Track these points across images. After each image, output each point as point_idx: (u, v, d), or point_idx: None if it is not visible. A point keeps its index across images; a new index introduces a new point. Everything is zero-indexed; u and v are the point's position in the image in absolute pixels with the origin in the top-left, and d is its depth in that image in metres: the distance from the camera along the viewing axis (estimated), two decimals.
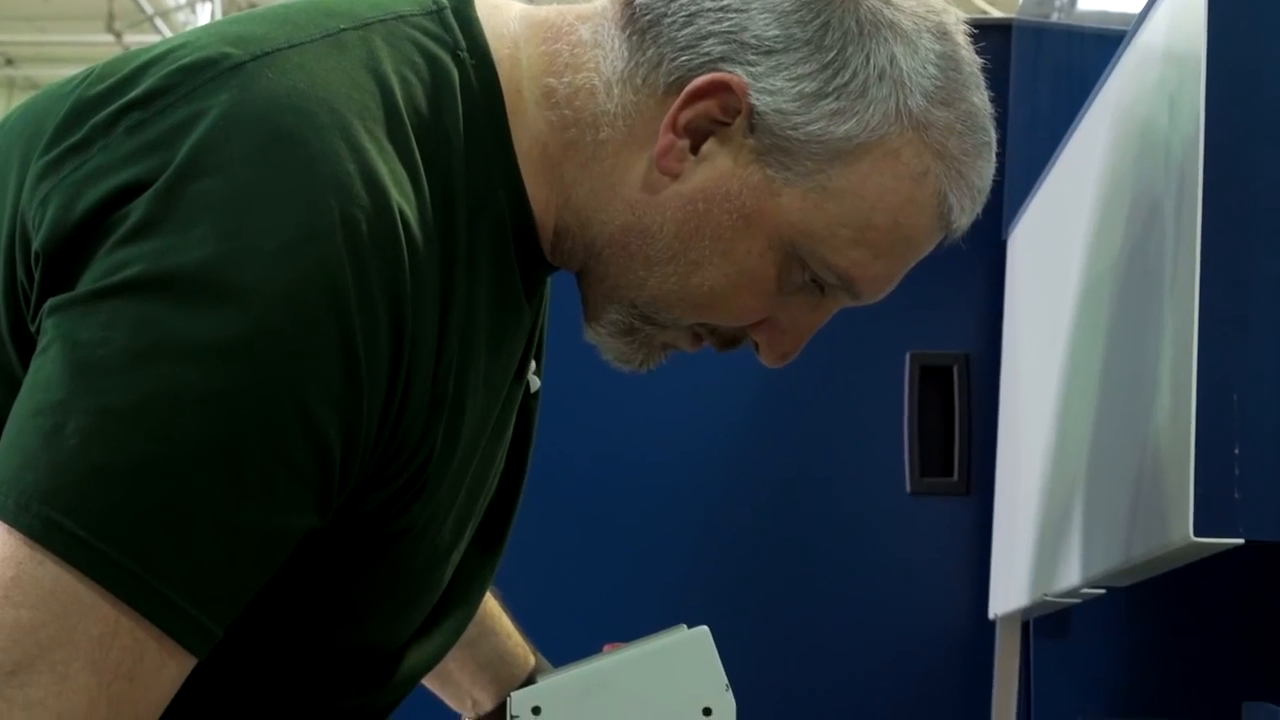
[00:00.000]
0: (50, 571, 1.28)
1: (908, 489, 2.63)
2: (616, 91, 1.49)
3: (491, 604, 2.04)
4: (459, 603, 1.63)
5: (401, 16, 1.47)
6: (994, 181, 1.54)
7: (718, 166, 1.48)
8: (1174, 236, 1.64)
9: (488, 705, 2.06)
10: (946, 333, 2.66)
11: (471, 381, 1.46)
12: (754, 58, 1.46)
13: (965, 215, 1.53)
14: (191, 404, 1.29)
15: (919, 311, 2.64)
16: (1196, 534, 1.59)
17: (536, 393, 1.66)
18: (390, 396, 1.37)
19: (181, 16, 13.02)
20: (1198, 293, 1.55)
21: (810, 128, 1.47)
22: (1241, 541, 1.59)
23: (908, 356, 2.64)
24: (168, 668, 1.32)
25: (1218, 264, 1.55)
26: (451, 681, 2.06)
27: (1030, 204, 2.49)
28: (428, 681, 2.07)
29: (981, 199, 1.54)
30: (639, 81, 1.49)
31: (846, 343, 2.63)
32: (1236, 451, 1.56)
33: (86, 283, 1.32)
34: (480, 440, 1.52)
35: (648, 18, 1.49)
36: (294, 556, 1.38)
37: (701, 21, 1.47)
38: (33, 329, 1.36)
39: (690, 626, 1.67)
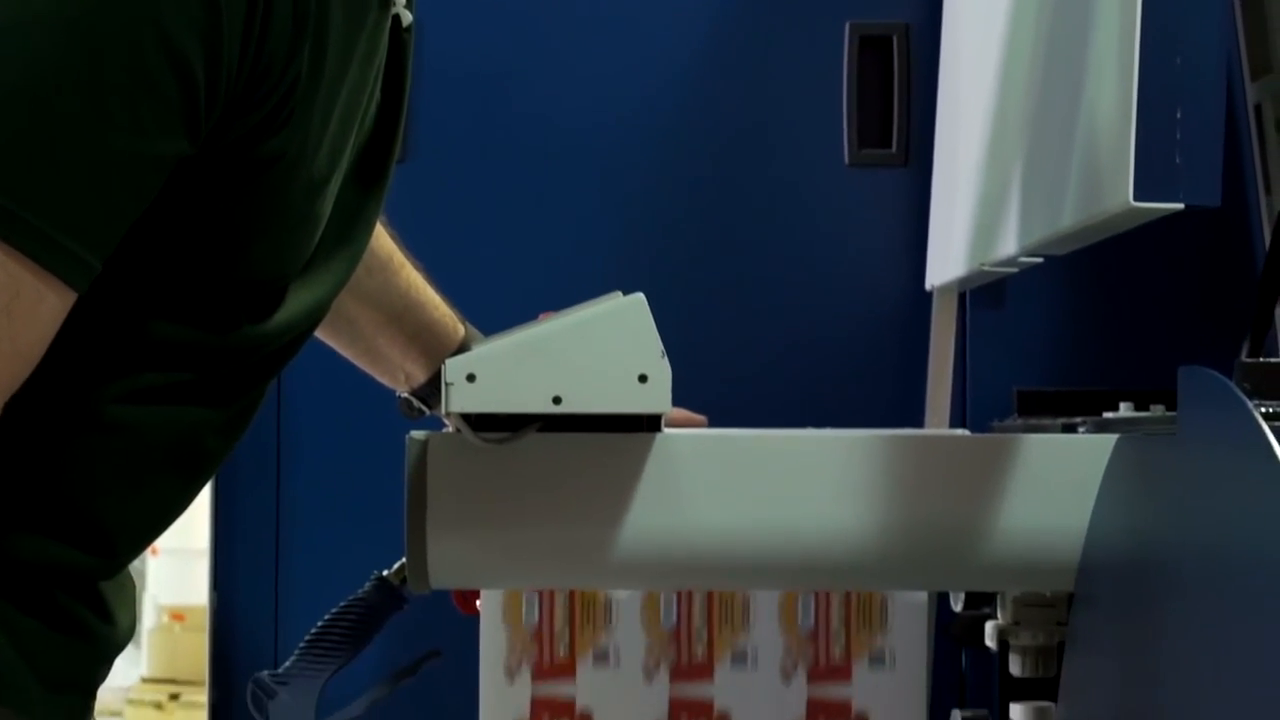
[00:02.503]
0: None
1: (845, 160, 2.60)
2: None
3: (415, 277, 2.03)
4: (343, 240, 1.61)
5: None
6: None
7: None
8: None
9: (421, 377, 2.06)
10: (886, 2, 2.62)
11: (334, 5, 1.44)
12: None
13: None
14: (46, 31, 1.28)
15: None
16: (1136, 199, 1.58)
17: (409, 27, 1.63)
18: (251, 15, 1.36)
19: None
20: None
21: None
22: (1181, 207, 1.58)
23: (847, 26, 2.60)
24: (46, 301, 1.33)
25: None
26: (382, 357, 2.05)
27: None
28: (359, 361, 2.07)
29: None
30: None
31: (783, 11, 2.59)
32: (1178, 115, 1.54)
33: None
34: (348, 68, 1.50)
35: None
36: (169, 187, 1.38)
37: None
38: None
39: (625, 295, 1.66)
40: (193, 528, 2.74)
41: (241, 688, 1.78)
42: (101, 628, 1.61)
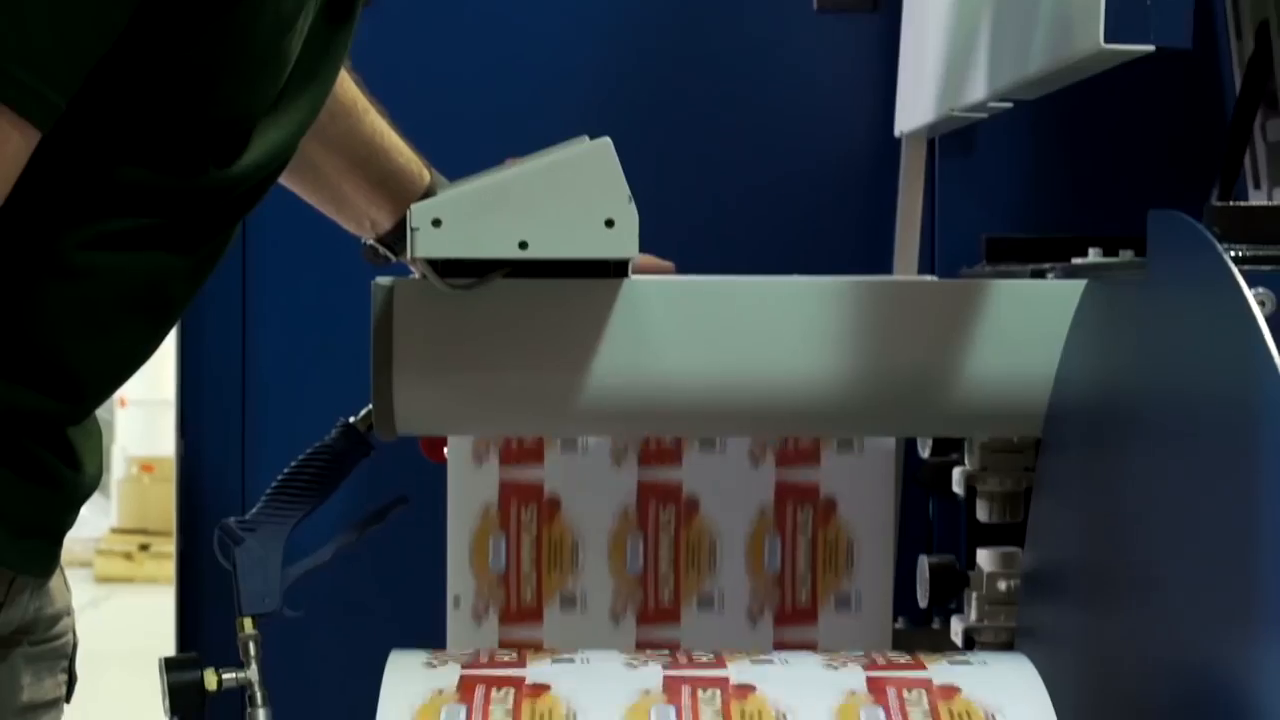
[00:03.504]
0: None
1: (814, 6, 2.58)
2: None
3: (379, 122, 2.02)
4: (310, 77, 1.60)
5: None
6: None
7: None
8: None
9: (386, 224, 2.05)
10: None
11: None
12: None
13: None
14: None
15: None
16: (1106, 40, 1.57)
17: None
18: None
19: None
20: None
21: None
22: (1151, 49, 1.57)
23: None
24: (11, 140, 1.33)
25: None
26: (347, 203, 2.04)
27: None
28: (325, 207, 2.06)
29: None
30: None
31: None
32: None
33: None
34: None
35: None
36: (136, 24, 1.37)
37: None
38: None
39: (592, 139, 1.65)
40: (161, 378, 2.74)
41: (209, 536, 1.78)
42: (69, 474, 1.61)
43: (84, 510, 1.66)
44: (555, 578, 2.11)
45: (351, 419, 1.84)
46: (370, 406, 1.78)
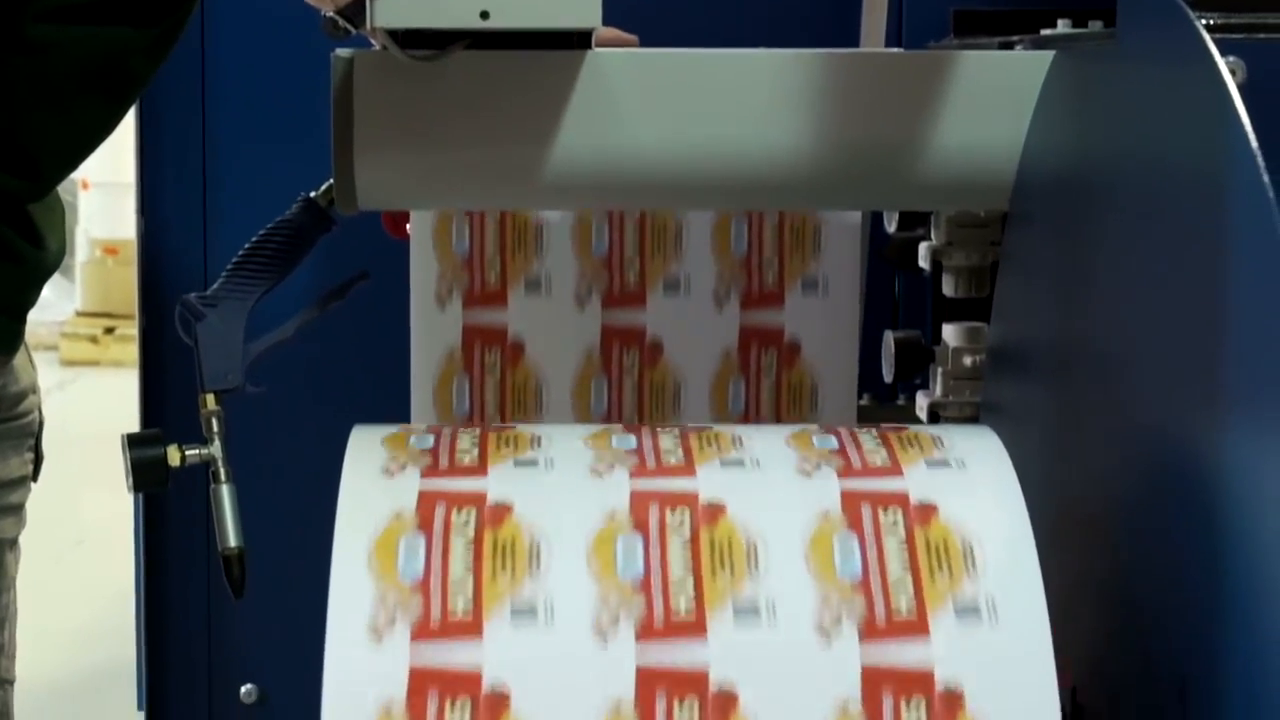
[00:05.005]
0: None
1: None
2: None
3: None
4: None
5: None
6: None
7: None
8: None
9: None
10: None
11: None
12: None
13: None
14: None
15: None
16: None
17: None
18: None
19: None
20: None
21: None
22: None
23: None
24: None
25: None
26: None
27: None
28: None
29: None
30: None
31: None
32: None
33: None
34: None
35: None
36: None
37: None
38: None
39: None
40: (124, 160, 2.71)
41: (172, 316, 1.76)
42: (30, 251, 1.60)
43: (48, 293, 1.65)
44: (520, 420, 2.11)
45: (312, 194, 1.82)
46: (331, 181, 1.76)
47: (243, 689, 2.65)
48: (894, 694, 1.28)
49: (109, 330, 8.99)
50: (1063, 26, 1.79)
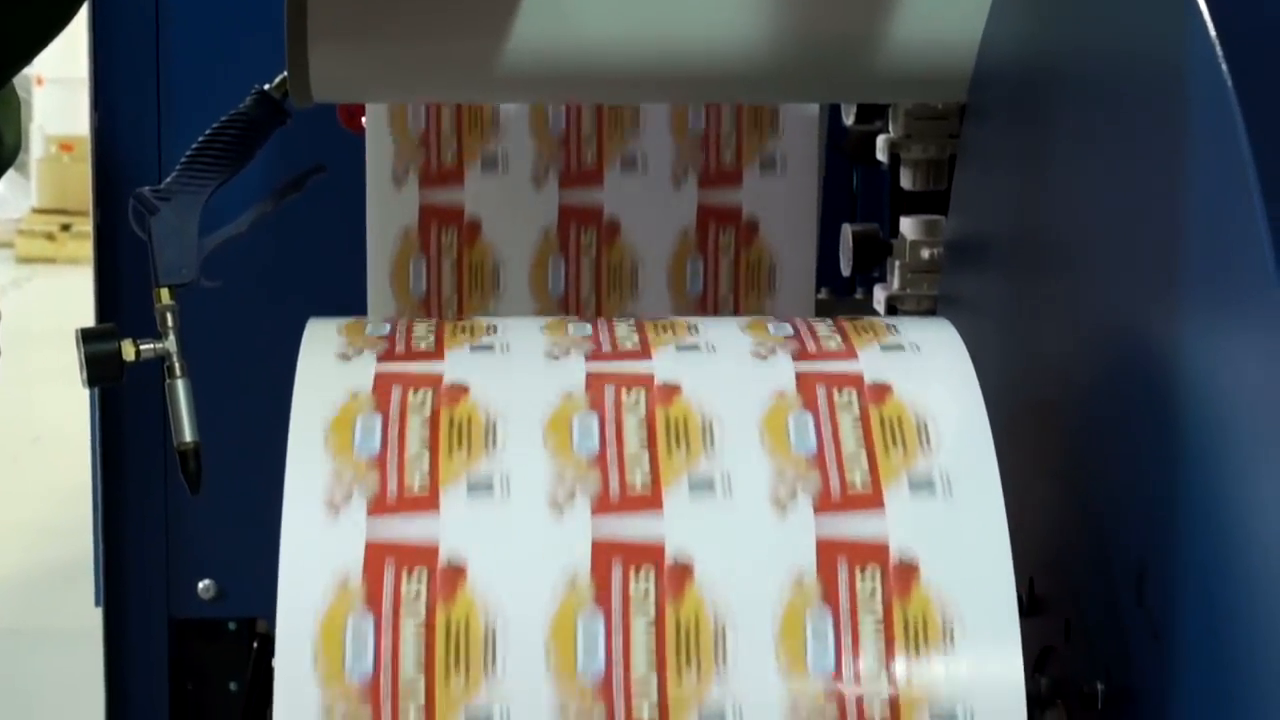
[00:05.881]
0: None
1: None
2: None
3: None
4: None
5: None
6: None
7: None
8: None
9: None
10: None
11: None
12: None
13: None
14: None
15: None
16: None
17: None
18: None
19: None
20: None
21: None
22: None
23: None
24: None
25: None
26: None
27: None
28: None
29: None
30: None
31: None
32: None
33: None
34: None
35: None
36: None
37: None
38: None
39: None
40: (79, 55, 2.68)
41: (126, 210, 1.74)
42: None
43: (3, 190, 1.64)
44: (477, 302, 2.10)
45: (267, 87, 1.80)
46: (285, 74, 1.74)
47: (200, 584, 2.65)
48: (849, 564, 1.28)
49: (65, 227, 8.95)
50: None
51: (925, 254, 1.97)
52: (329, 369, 1.39)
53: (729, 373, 1.41)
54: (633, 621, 1.26)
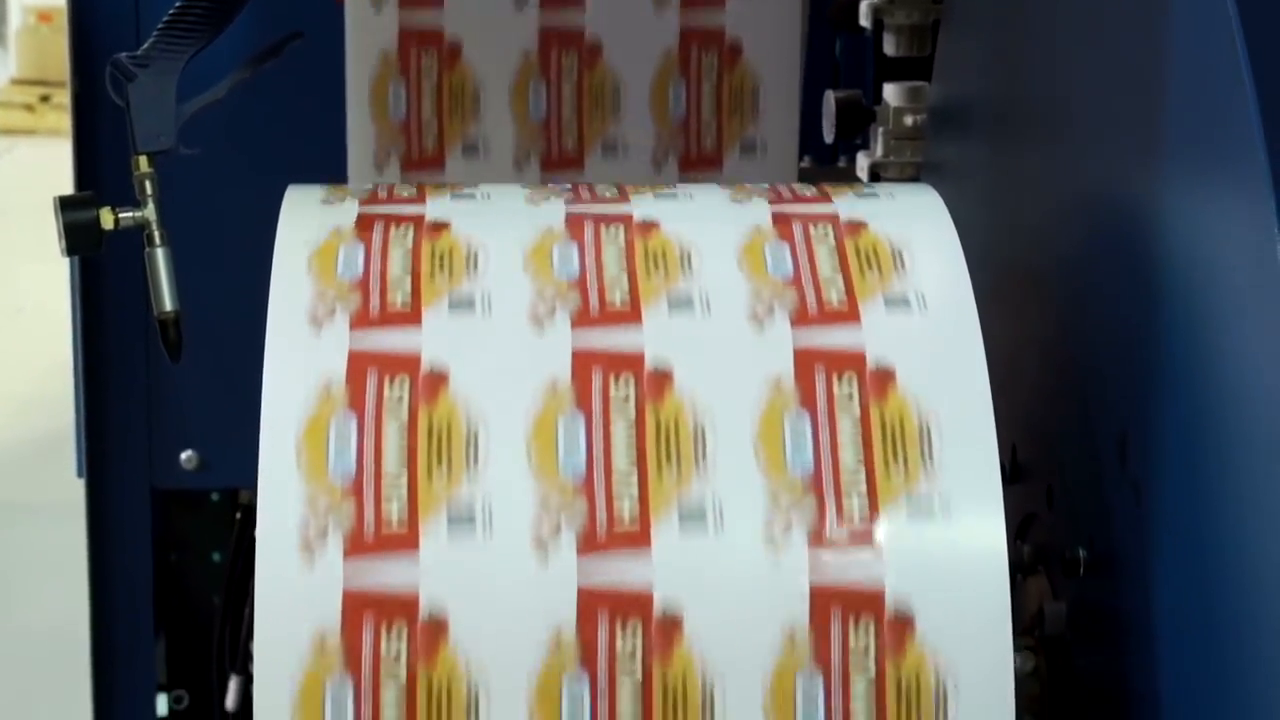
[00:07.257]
0: None
1: None
2: None
3: None
4: None
5: None
6: None
7: None
8: None
9: None
10: None
11: None
12: None
13: None
14: None
15: None
16: None
17: None
18: None
19: None
20: None
21: None
22: None
23: None
24: None
25: None
26: None
27: None
28: None
29: None
30: None
31: None
32: None
33: None
34: None
35: None
36: None
37: None
38: None
39: None
40: None
41: (104, 78, 1.73)
42: None
43: None
44: (457, 125, 2.07)
45: None
46: None
47: (182, 455, 2.64)
48: (826, 370, 1.30)
49: (45, 98, 8.89)
50: None
51: (909, 121, 1.96)
52: (312, 211, 1.40)
53: (707, 213, 1.43)
54: (613, 422, 1.28)
